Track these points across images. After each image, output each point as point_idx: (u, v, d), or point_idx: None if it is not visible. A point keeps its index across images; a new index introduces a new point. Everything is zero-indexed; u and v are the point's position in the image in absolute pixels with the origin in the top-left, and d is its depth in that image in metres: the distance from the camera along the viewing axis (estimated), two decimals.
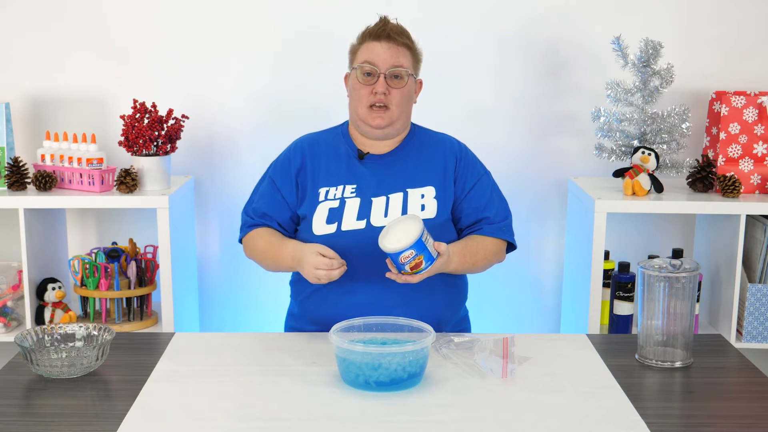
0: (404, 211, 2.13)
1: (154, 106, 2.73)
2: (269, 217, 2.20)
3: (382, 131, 2.17)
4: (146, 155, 2.72)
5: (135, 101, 2.72)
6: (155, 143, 2.73)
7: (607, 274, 2.80)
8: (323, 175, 2.19)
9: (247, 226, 2.23)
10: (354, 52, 2.20)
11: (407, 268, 1.93)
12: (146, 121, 2.70)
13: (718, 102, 2.77)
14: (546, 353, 1.95)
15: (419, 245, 1.90)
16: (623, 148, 2.79)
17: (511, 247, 2.25)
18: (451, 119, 2.96)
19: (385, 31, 2.14)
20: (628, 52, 2.74)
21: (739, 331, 2.75)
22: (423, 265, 1.93)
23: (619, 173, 2.76)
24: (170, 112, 2.74)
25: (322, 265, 1.98)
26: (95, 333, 1.89)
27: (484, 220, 2.19)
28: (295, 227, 2.22)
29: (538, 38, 2.98)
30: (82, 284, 2.75)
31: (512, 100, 3.02)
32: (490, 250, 2.17)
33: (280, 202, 2.20)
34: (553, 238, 3.11)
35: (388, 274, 1.98)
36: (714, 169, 2.76)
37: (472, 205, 2.19)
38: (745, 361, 1.96)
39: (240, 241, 2.28)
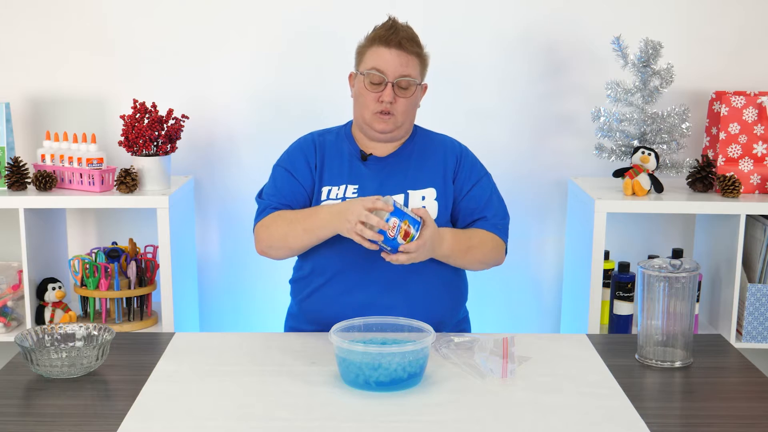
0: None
1: (154, 106, 2.73)
2: (289, 207, 2.15)
3: (387, 135, 2.17)
4: (146, 155, 2.72)
5: (135, 101, 2.72)
6: (155, 143, 2.73)
7: (607, 274, 2.80)
8: (327, 174, 2.18)
9: (270, 208, 2.14)
10: (362, 53, 2.17)
11: (399, 239, 1.91)
12: (146, 121, 2.70)
13: (718, 102, 2.77)
14: (546, 353, 1.95)
15: (398, 212, 1.90)
16: (623, 148, 2.79)
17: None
18: (452, 119, 2.96)
19: (396, 39, 2.10)
20: (628, 52, 2.74)
21: (739, 331, 2.75)
22: (413, 231, 1.91)
23: (619, 173, 2.76)
24: (170, 112, 2.74)
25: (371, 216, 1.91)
26: (95, 333, 1.89)
27: (480, 220, 2.19)
28: None
29: (538, 39, 2.98)
30: (82, 284, 2.75)
31: (513, 101, 3.02)
32: (486, 241, 2.15)
33: (302, 194, 2.17)
34: (553, 238, 3.11)
35: (384, 255, 1.96)
36: (714, 169, 2.76)
37: (470, 206, 2.19)
38: (745, 361, 1.96)
39: (254, 225, 2.18)
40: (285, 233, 2.10)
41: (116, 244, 2.89)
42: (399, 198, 2.14)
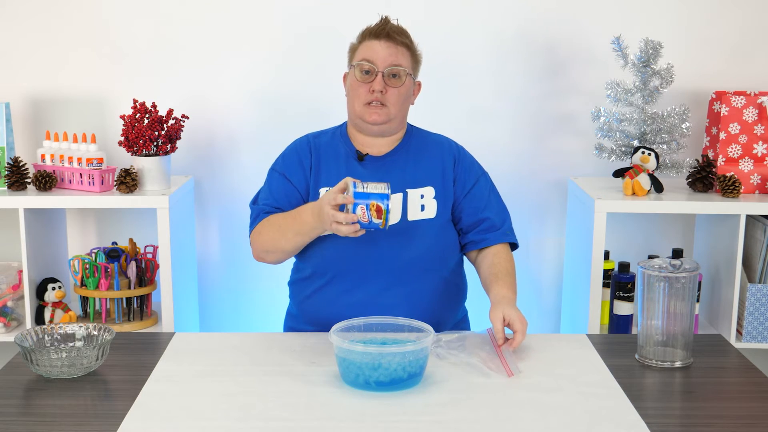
0: (404, 211, 2.13)
1: (154, 106, 2.73)
2: (281, 211, 2.15)
3: (379, 127, 2.16)
4: (146, 155, 2.72)
5: (135, 101, 2.72)
6: (155, 143, 2.73)
7: (607, 274, 2.80)
8: (323, 176, 2.18)
9: (263, 213, 2.16)
10: (353, 50, 2.19)
11: (374, 219, 1.88)
12: (146, 121, 2.70)
13: (718, 102, 2.77)
14: (546, 353, 1.95)
15: (361, 197, 1.88)
16: (623, 148, 2.79)
17: (512, 245, 2.25)
18: (452, 120, 2.96)
19: (384, 30, 2.13)
20: (628, 52, 2.74)
21: (739, 331, 2.75)
22: (384, 206, 1.88)
23: (619, 173, 2.76)
24: (170, 112, 2.74)
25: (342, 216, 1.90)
26: (95, 333, 1.89)
27: (485, 222, 2.18)
28: None
29: (537, 38, 2.98)
30: (82, 284, 2.75)
31: (512, 101, 3.02)
32: (511, 261, 2.18)
33: (297, 198, 2.17)
34: (553, 238, 3.11)
35: (505, 347, 1.92)
36: (714, 169, 2.76)
37: (472, 205, 2.19)
38: (745, 361, 1.96)
39: (250, 233, 2.19)
40: (277, 238, 2.11)
41: (116, 244, 2.89)
42: (398, 198, 2.13)
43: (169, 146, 2.75)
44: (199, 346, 2.00)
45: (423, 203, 2.14)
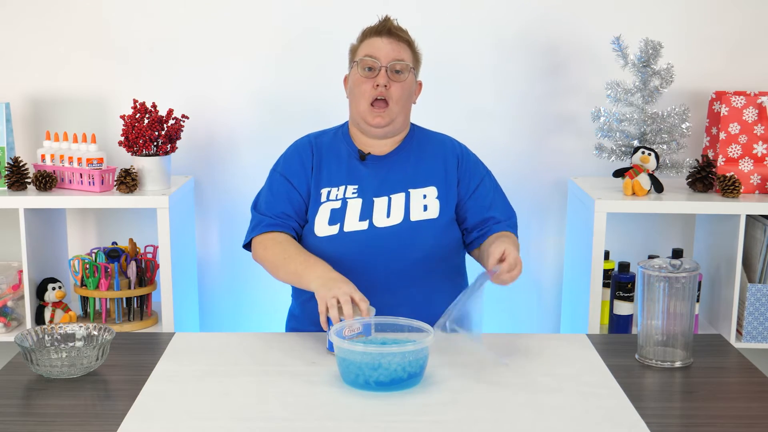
0: (406, 211, 2.12)
1: (154, 106, 2.73)
2: (287, 216, 2.15)
3: (382, 130, 2.16)
4: (146, 155, 2.72)
5: (135, 101, 2.72)
6: (155, 143, 2.73)
7: (607, 274, 2.80)
8: (325, 176, 2.18)
9: (263, 225, 2.13)
10: (354, 50, 2.20)
11: (344, 333, 1.82)
12: (146, 121, 2.70)
13: (718, 102, 2.77)
14: (546, 353, 1.95)
15: (367, 327, 1.85)
16: (623, 148, 2.79)
17: None
18: (452, 120, 2.96)
19: (386, 27, 2.15)
20: (628, 52, 2.74)
21: (739, 331, 2.75)
22: (357, 330, 1.84)
23: (619, 173, 2.76)
24: (170, 112, 2.74)
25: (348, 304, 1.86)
26: (95, 333, 1.89)
27: (490, 220, 2.18)
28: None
29: (537, 38, 2.98)
30: (82, 284, 2.75)
31: (512, 101, 3.02)
32: (515, 240, 2.16)
33: (298, 201, 2.16)
34: (553, 238, 3.11)
35: (493, 279, 1.93)
36: (714, 169, 2.76)
37: (477, 205, 2.19)
38: (745, 361, 1.96)
39: (248, 241, 2.18)
40: (277, 265, 2.09)
41: (116, 244, 2.89)
42: (400, 197, 2.13)
43: (169, 146, 2.75)
44: (199, 346, 2.00)
45: (425, 203, 2.14)
